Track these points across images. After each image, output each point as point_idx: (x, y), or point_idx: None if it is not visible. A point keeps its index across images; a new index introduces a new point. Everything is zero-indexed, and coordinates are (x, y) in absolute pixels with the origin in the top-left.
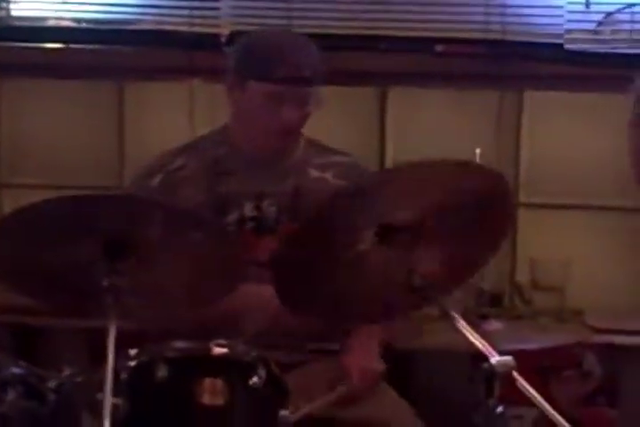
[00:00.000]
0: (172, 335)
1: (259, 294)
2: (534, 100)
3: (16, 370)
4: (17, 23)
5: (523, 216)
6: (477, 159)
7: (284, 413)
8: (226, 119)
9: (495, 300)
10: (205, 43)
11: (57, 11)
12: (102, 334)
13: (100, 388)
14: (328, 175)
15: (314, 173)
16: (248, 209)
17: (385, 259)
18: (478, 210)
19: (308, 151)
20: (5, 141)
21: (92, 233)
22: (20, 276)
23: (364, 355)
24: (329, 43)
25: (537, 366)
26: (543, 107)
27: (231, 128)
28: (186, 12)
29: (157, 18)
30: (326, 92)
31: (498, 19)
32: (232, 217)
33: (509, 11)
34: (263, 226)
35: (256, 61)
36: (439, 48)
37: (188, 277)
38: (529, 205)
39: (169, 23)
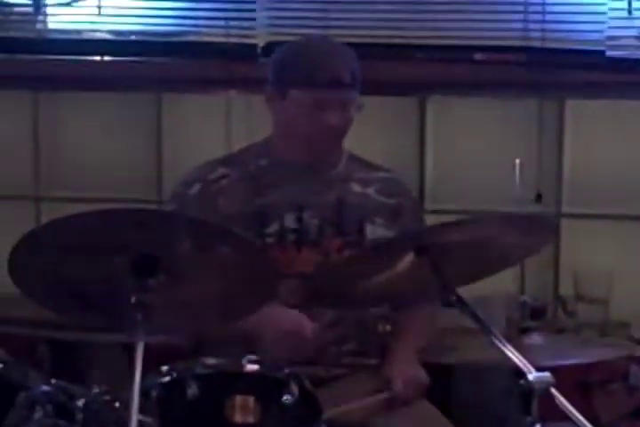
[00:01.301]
0: (203, 351)
1: (292, 320)
2: (576, 108)
3: (45, 388)
4: (54, 36)
5: (566, 227)
6: (517, 170)
7: None
8: (263, 130)
9: (538, 313)
10: (242, 53)
11: (93, 23)
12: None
13: (129, 406)
14: (370, 191)
15: (356, 187)
16: (289, 221)
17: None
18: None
19: (351, 166)
20: (44, 155)
21: (121, 249)
22: (49, 291)
23: (408, 365)
24: (366, 52)
25: (581, 380)
26: (585, 115)
27: (273, 139)
28: (222, 22)
29: (194, 29)
30: (364, 102)
31: (538, 26)
32: (272, 229)
33: (549, 17)
34: (304, 238)
35: (296, 69)
36: (478, 56)
37: (218, 293)
38: (572, 216)
39: (205, 34)
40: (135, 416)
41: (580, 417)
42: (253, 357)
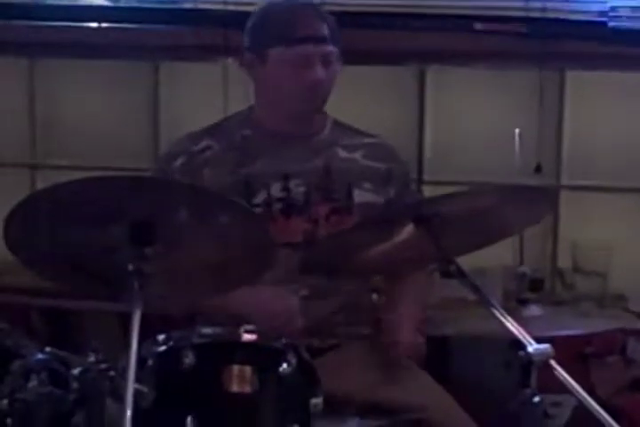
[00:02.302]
0: (200, 320)
1: (277, 301)
2: (577, 79)
3: (40, 356)
4: (50, 2)
5: (565, 199)
6: (517, 140)
7: (314, 401)
8: None
9: (536, 284)
10: (239, 21)
11: None
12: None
13: (125, 374)
14: (357, 155)
15: (342, 153)
16: (275, 190)
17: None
18: None
19: (336, 132)
20: (39, 122)
21: (118, 216)
22: (45, 258)
23: (406, 331)
24: (365, 21)
25: (579, 352)
26: (586, 87)
27: (256, 107)
28: None
29: None
30: (363, 71)
31: None
32: (259, 198)
33: None
34: (292, 207)
35: (272, 30)
36: (478, 26)
37: (215, 262)
38: (571, 188)
39: (203, 2)
40: (132, 385)
41: (579, 389)
42: (250, 326)
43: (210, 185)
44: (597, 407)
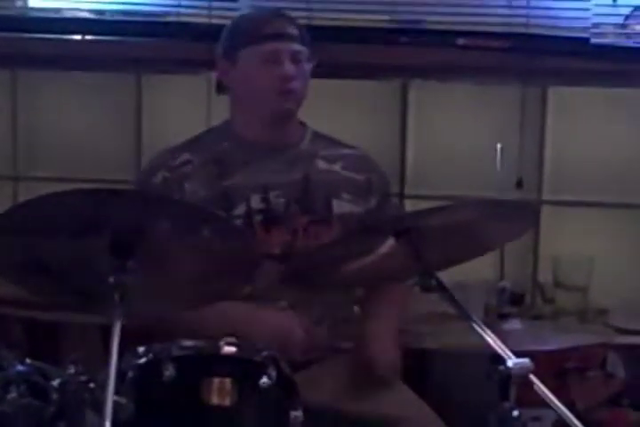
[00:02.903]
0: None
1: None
2: (559, 95)
3: (20, 368)
4: (34, 14)
5: (546, 214)
6: (498, 155)
7: (294, 414)
8: None
9: (517, 299)
10: None
11: (74, 2)
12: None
13: (105, 387)
14: (337, 167)
15: (322, 164)
16: (255, 202)
17: (399, 257)
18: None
19: (316, 143)
20: (22, 134)
21: (100, 229)
22: (26, 271)
23: (386, 344)
24: (350, 35)
25: (559, 367)
26: (568, 103)
27: (233, 118)
28: (205, 3)
29: (176, 9)
30: (346, 85)
31: (522, 11)
32: (239, 210)
33: (533, 3)
34: (272, 218)
35: (241, 32)
36: (461, 41)
37: (198, 274)
38: (552, 203)
39: (187, 15)
40: (111, 397)
41: (558, 403)
42: (231, 339)
43: (190, 198)
44: (576, 422)
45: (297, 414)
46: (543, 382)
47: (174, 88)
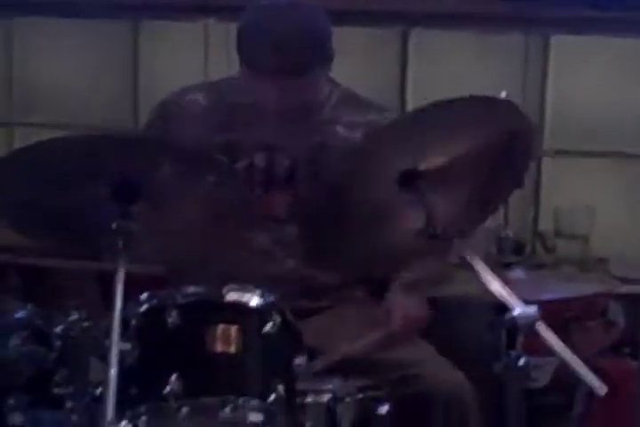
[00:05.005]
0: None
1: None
2: (561, 43)
3: (22, 314)
4: None
5: (547, 163)
6: None
7: (298, 360)
8: None
9: (518, 248)
10: None
11: None
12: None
13: (109, 333)
14: (357, 135)
15: (342, 131)
16: (258, 160)
17: (404, 207)
18: (501, 151)
19: (340, 107)
20: (18, 80)
21: (101, 175)
22: (26, 217)
23: (408, 298)
24: None
25: (560, 316)
26: (570, 51)
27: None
28: None
29: None
30: (346, 33)
31: None
32: (240, 165)
33: None
34: (273, 179)
35: (245, 48)
36: None
37: (200, 221)
38: (553, 153)
39: None
40: (116, 343)
41: (567, 351)
42: (235, 286)
43: (188, 140)
44: (584, 369)
45: (301, 360)
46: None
47: (171, 34)
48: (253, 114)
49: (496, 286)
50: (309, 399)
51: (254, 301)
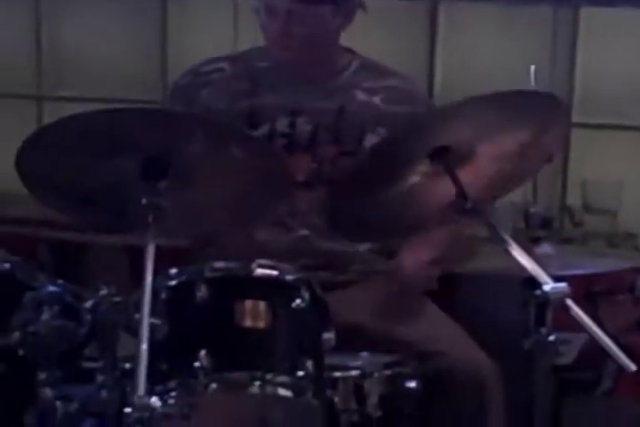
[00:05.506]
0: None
1: None
2: (590, 16)
3: (52, 288)
4: None
5: (575, 136)
6: (532, 77)
7: (327, 335)
8: None
9: (545, 222)
10: None
11: None
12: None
13: (139, 308)
14: (376, 99)
15: (361, 95)
16: (280, 124)
17: (435, 181)
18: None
19: (359, 73)
20: (47, 54)
21: (131, 149)
22: (56, 192)
23: (419, 253)
24: None
25: (587, 291)
26: (599, 24)
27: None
28: None
29: None
30: (374, 5)
31: None
32: (262, 131)
33: None
34: (295, 144)
35: None
36: None
37: (229, 196)
38: (582, 126)
39: None
40: (147, 318)
41: (595, 327)
42: (264, 261)
43: (208, 107)
44: (612, 345)
45: (329, 335)
46: None
47: (200, 8)
48: (274, 77)
49: (526, 261)
50: (338, 375)
51: (283, 275)
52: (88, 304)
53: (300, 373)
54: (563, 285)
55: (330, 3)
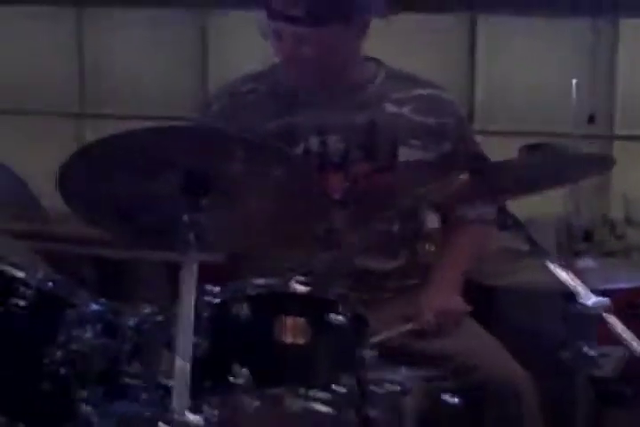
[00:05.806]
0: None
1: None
2: (631, 28)
3: (95, 307)
4: None
5: (618, 149)
6: (574, 90)
7: (366, 351)
8: None
9: (587, 235)
10: None
11: None
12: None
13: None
14: (406, 110)
15: (390, 107)
16: (313, 144)
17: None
18: None
19: (387, 84)
20: (89, 72)
21: (173, 167)
22: (98, 209)
23: (443, 294)
24: None
25: (629, 304)
26: None
27: None
28: None
29: None
30: (413, 19)
31: None
32: (297, 151)
33: None
34: (328, 163)
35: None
36: None
37: (270, 214)
38: (624, 138)
39: None
40: (189, 337)
41: (635, 342)
42: (302, 278)
43: (248, 129)
44: None
45: (369, 351)
46: None
47: (239, 25)
48: (302, 95)
49: (566, 275)
50: (377, 390)
51: (322, 292)
52: (131, 322)
53: (340, 388)
54: (604, 299)
55: (338, 22)
